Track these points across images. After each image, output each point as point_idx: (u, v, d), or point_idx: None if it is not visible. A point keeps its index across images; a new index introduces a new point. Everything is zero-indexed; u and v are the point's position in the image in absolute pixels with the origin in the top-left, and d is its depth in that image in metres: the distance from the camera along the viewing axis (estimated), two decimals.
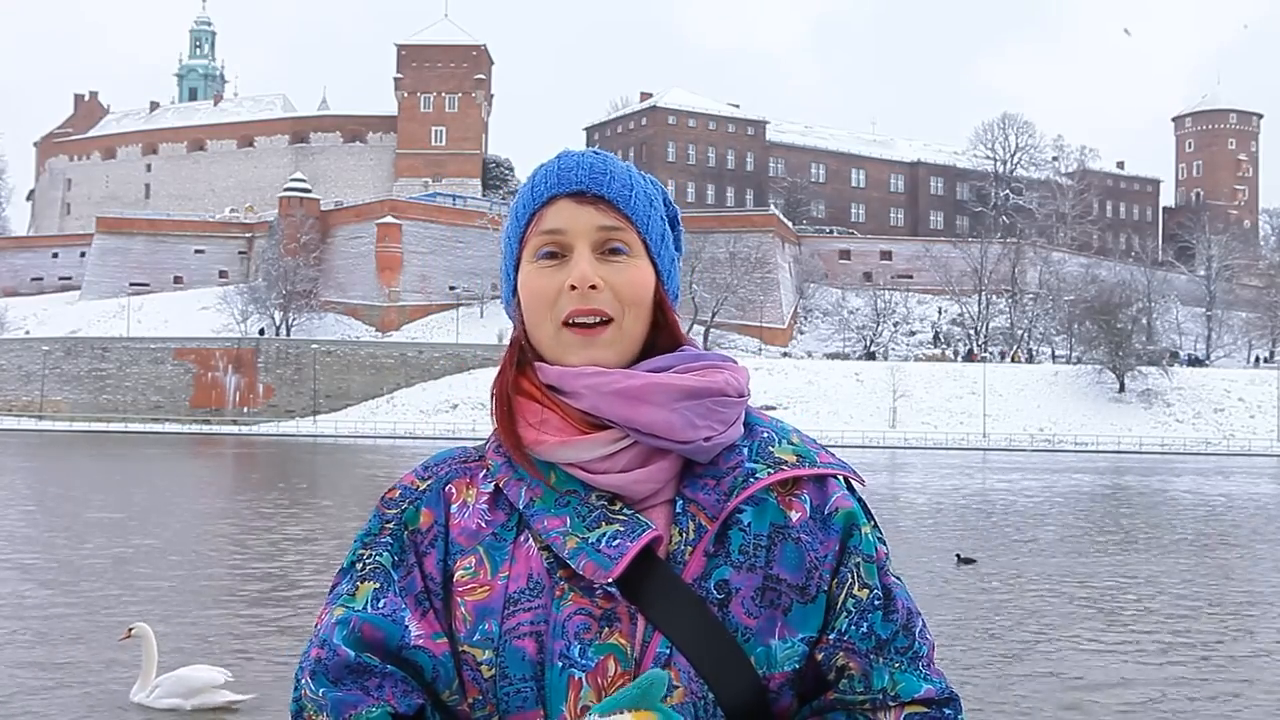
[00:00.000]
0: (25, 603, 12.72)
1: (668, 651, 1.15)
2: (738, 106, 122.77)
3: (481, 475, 1.26)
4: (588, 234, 1.23)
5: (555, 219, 1.23)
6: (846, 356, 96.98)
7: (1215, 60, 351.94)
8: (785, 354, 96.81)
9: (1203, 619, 12.82)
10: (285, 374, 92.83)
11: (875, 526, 1.27)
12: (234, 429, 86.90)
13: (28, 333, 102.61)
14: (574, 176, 1.24)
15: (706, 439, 1.20)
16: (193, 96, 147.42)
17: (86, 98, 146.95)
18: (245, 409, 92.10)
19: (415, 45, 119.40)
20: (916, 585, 14.74)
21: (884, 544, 1.26)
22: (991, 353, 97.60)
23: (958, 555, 16.92)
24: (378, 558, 1.23)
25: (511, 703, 1.15)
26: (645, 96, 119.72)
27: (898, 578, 1.26)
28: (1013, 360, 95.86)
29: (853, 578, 1.21)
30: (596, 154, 1.27)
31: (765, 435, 1.26)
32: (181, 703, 8.17)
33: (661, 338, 1.27)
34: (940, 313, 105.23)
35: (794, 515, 1.21)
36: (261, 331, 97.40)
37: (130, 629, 8.51)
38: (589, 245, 1.22)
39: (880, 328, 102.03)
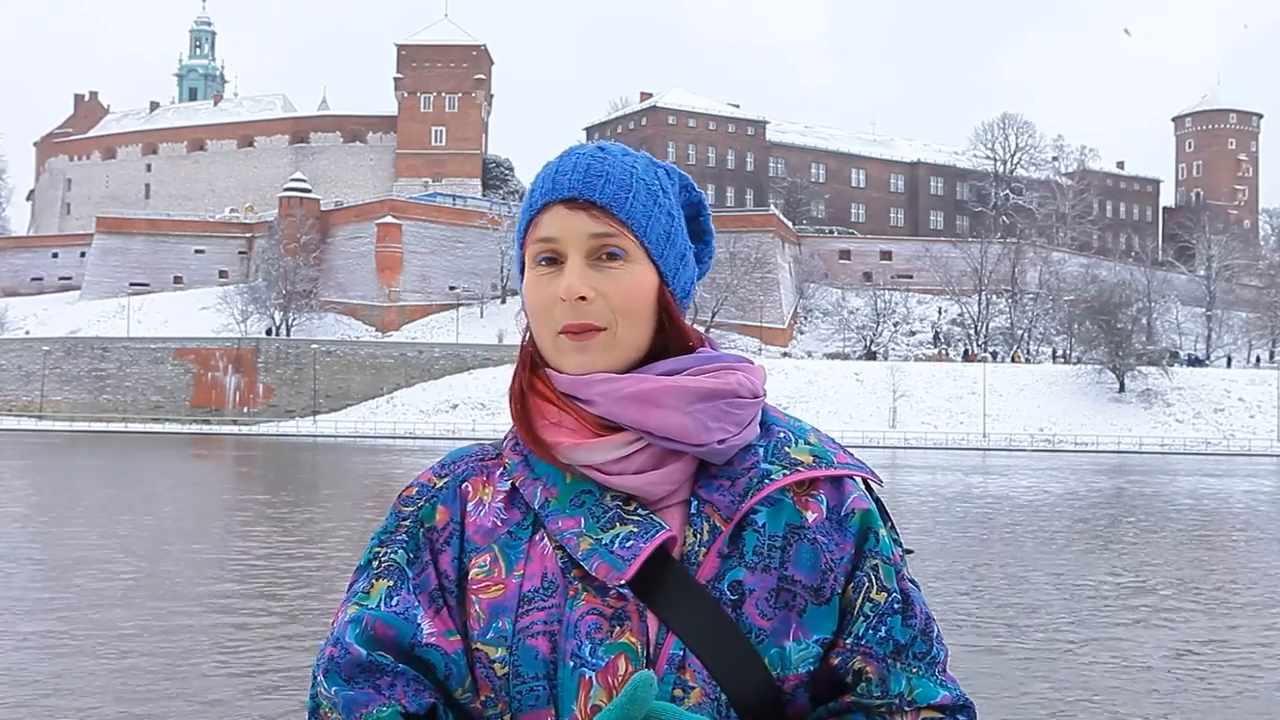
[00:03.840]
0: (220, 607, 12.77)
1: (681, 652, 1.14)
2: (738, 106, 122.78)
3: (498, 474, 1.25)
4: (580, 242, 1.20)
5: (549, 227, 1.22)
6: (846, 356, 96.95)
7: (1216, 60, 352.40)
8: (785, 354, 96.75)
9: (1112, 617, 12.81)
10: (285, 374, 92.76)
11: (892, 528, 1.25)
12: (234, 429, 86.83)
13: (28, 333, 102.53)
14: (566, 182, 1.22)
15: (721, 441, 1.19)
16: (193, 96, 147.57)
17: (86, 98, 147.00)
18: (245, 409, 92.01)
19: (415, 45, 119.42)
20: None
21: (900, 546, 1.25)
22: (991, 353, 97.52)
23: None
24: (393, 555, 1.23)
25: (524, 701, 1.15)
26: (645, 96, 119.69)
27: (913, 581, 1.24)
28: (1012, 360, 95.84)
29: (870, 580, 1.20)
30: (597, 152, 1.24)
31: (782, 435, 1.24)
32: None
33: (671, 341, 1.25)
34: (940, 313, 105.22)
35: (810, 516, 1.20)
36: (268, 331, 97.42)
37: None
38: (582, 253, 1.20)
39: (880, 328, 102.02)
